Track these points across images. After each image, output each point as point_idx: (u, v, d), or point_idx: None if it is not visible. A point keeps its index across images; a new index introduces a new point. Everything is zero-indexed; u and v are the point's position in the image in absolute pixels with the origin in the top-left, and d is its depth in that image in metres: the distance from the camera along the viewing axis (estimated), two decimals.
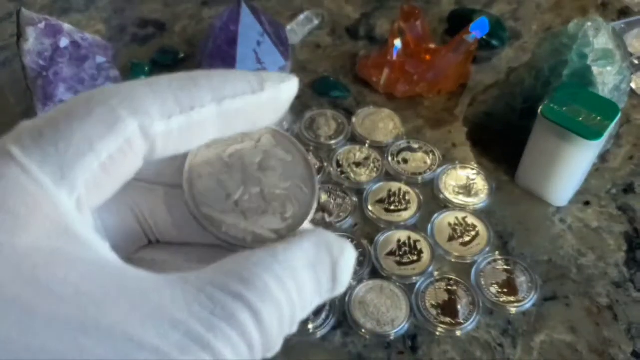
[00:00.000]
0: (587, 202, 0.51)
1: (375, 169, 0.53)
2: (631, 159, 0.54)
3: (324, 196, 0.50)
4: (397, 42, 0.57)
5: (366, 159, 0.53)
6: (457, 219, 0.49)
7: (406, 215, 0.49)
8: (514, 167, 0.51)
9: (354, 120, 0.56)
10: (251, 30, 0.54)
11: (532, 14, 0.69)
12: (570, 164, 0.47)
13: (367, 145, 0.55)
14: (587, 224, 0.50)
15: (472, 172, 0.53)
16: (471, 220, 0.49)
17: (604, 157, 0.54)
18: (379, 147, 0.54)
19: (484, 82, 0.61)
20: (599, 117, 0.45)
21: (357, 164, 0.53)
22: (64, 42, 0.49)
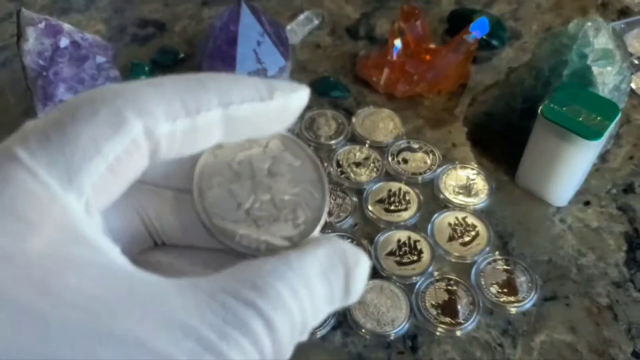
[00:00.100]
0: (587, 202, 0.51)
1: (375, 169, 0.53)
2: (631, 159, 0.54)
3: None
4: (397, 42, 0.57)
5: (366, 159, 0.53)
6: (457, 219, 0.49)
7: (406, 215, 0.49)
8: (514, 167, 0.51)
9: (354, 120, 0.56)
10: (251, 30, 0.54)
11: (532, 14, 0.69)
12: (570, 164, 0.47)
13: (367, 145, 0.55)
14: (587, 224, 0.50)
15: (472, 172, 0.52)
16: (471, 220, 0.49)
17: (604, 157, 0.54)
18: (379, 147, 0.54)
19: (484, 82, 0.61)
20: (599, 117, 0.45)
21: (357, 164, 0.53)
22: (64, 42, 0.49)
